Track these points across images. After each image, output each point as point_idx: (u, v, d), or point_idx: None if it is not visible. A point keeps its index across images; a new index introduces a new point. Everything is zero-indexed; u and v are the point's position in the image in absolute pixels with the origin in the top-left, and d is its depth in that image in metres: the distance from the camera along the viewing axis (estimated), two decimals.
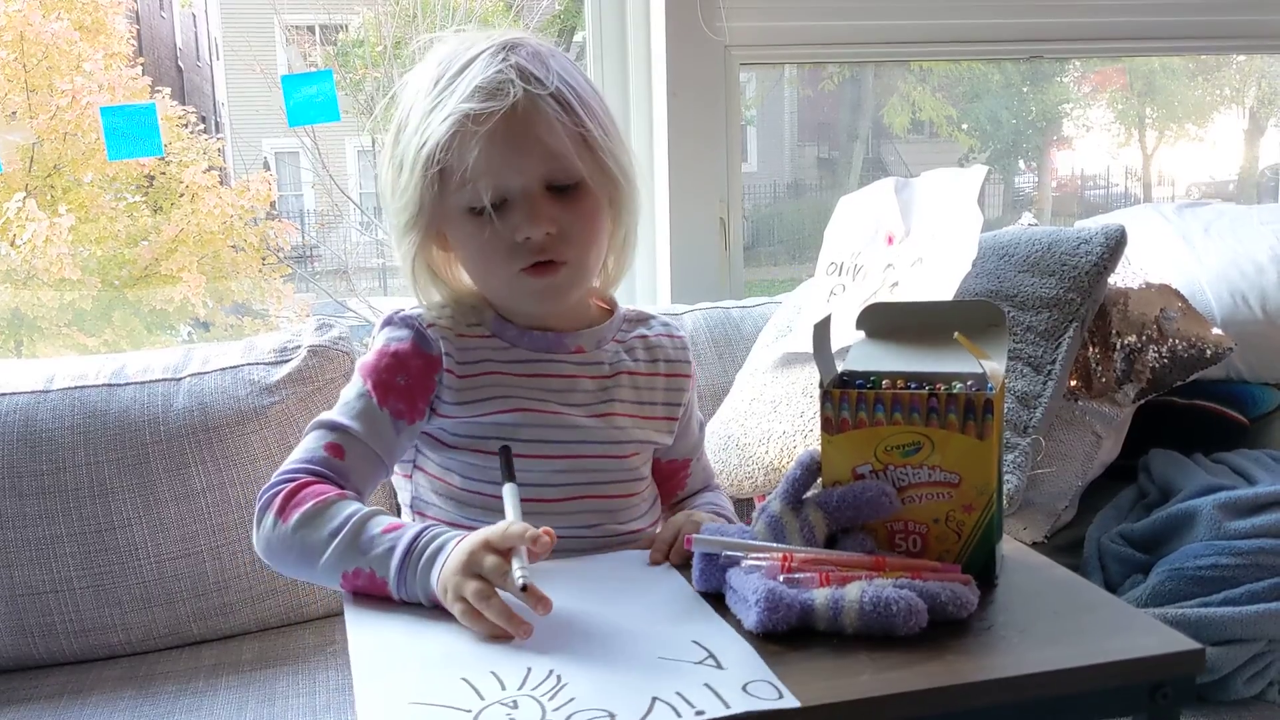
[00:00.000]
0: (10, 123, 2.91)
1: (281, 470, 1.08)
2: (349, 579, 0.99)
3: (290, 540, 1.02)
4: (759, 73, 3.24)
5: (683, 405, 1.25)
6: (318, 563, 1.00)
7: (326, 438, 1.10)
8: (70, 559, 1.52)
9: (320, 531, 1.00)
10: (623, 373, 1.19)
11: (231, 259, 3.44)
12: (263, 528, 1.04)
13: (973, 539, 0.97)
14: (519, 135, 1.06)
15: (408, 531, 0.99)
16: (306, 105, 1.95)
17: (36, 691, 1.48)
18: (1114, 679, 0.85)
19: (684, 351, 1.26)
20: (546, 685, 0.82)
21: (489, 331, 1.16)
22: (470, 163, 1.05)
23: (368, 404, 1.11)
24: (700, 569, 0.98)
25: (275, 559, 1.04)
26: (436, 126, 1.05)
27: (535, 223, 1.07)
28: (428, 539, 0.97)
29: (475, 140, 1.05)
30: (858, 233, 1.73)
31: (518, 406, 1.12)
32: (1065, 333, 1.51)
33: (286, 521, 1.02)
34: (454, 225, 1.11)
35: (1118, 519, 1.54)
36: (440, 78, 1.08)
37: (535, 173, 1.07)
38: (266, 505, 1.04)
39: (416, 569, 0.96)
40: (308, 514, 1.02)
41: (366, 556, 0.98)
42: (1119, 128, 4.15)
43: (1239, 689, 1.33)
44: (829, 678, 0.83)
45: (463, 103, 1.05)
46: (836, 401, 0.98)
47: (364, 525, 1.00)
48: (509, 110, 1.05)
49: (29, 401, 1.58)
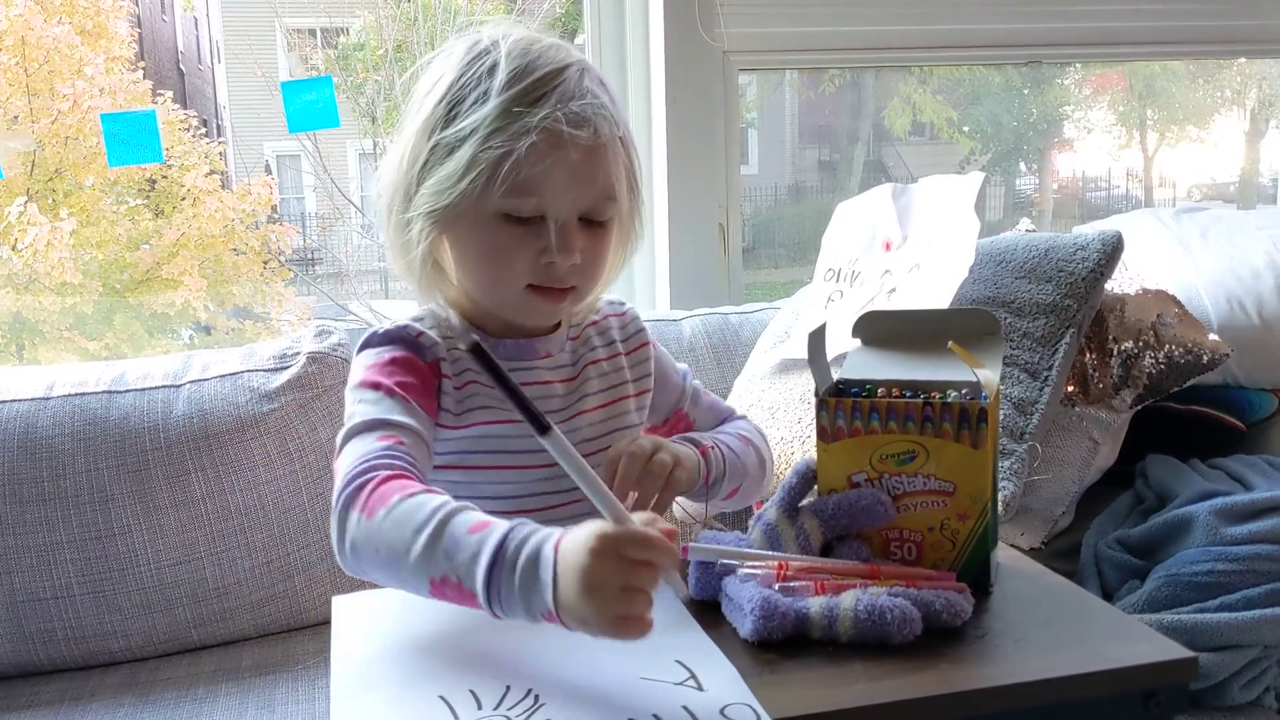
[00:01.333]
0: (12, 129, 2.92)
1: (351, 469, 0.97)
2: (437, 587, 0.88)
3: (377, 537, 0.91)
4: (760, 75, 3.25)
5: (650, 374, 1.25)
6: (405, 563, 0.89)
7: (375, 434, 1.01)
8: (70, 565, 1.53)
9: (405, 527, 0.89)
10: (587, 365, 1.19)
11: (233, 263, 3.44)
12: (348, 527, 0.93)
13: (967, 547, 0.97)
14: (589, 168, 1.06)
15: (494, 532, 0.86)
16: (307, 111, 1.96)
17: (37, 698, 1.48)
18: (1108, 687, 0.86)
19: (635, 322, 1.26)
20: (524, 705, 0.82)
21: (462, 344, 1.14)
22: (542, 180, 1.04)
23: (395, 402, 1.05)
24: (696, 577, 0.99)
25: (363, 562, 0.93)
26: (520, 135, 1.03)
27: (568, 252, 1.07)
28: (518, 541, 0.85)
29: (557, 161, 1.04)
30: (855, 239, 1.74)
31: (500, 418, 1.11)
32: (1062, 339, 1.51)
33: (372, 517, 0.91)
34: (477, 224, 1.08)
35: (1114, 525, 1.54)
36: (515, 76, 1.05)
37: (585, 204, 1.08)
38: (349, 502, 0.94)
39: (514, 583, 0.84)
40: (392, 507, 0.91)
41: (453, 562, 0.87)
42: (1120, 130, 4.15)
43: (1235, 694, 1.33)
44: (823, 686, 0.84)
45: (557, 123, 1.03)
46: (832, 410, 0.99)
47: (449, 522, 0.88)
48: (592, 143, 1.05)
49: (29, 409, 1.58)
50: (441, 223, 1.08)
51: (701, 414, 1.30)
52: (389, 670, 0.89)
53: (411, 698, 0.84)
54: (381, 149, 3.84)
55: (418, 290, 1.16)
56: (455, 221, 1.08)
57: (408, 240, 1.10)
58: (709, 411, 1.31)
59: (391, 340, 1.11)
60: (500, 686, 0.85)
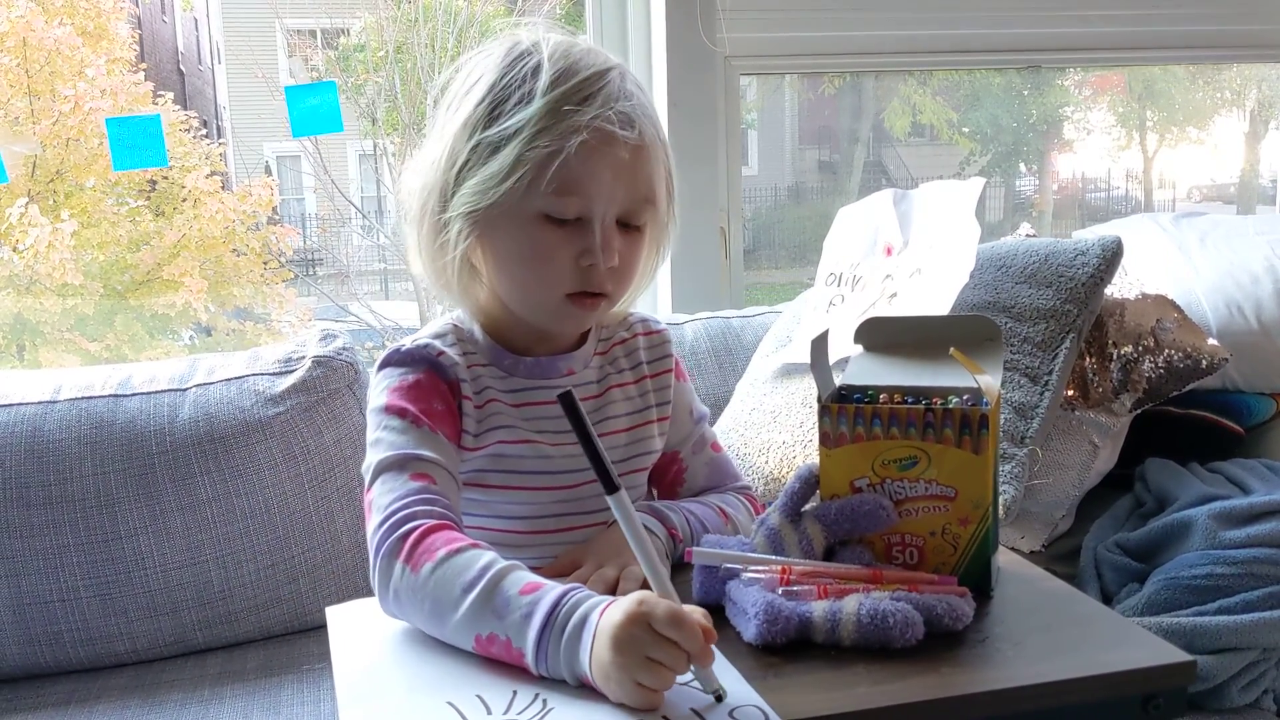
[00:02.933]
0: (15, 132, 2.92)
1: (388, 514, 0.97)
2: (482, 644, 0.89)
3: (421, 592, 0.92)
4: (760, 77, 3.25)
5: (669, 402, 1.22)
6: (451, 618, 0.90)
7: (406, 472, 1.01)
8: (77, 569, 1.54)
9: (454, 585, 0.91)
10: (612, 387, 1.18)
11: (233, 264, 3.45)
12: (391, 578, 0.94)
13: (968, 552, 0.98)
14: (633, 169, 1.06)
15: (547, 595, 0.88)
16: (310, 116, 1.97)
17: (43, 700, 1.49)
18: (1107, 691, 0.86)
19: (664, 346, 1.23)
20: (532, 710, 0.82)
21: (485, 360, 1.14)
22: (590, 179, 1.04)
23: (422, 433, 1.04)
24: (700, 581, 0.99)
25: (406, 612, 0.95)
26: (568, 133, 1.02)
27: (609, 253, 1.06)
28: (570, 605, 0.87)
29: (604, 160, 1.04)
30: (856, 244, 1.75)
31: (519, 438, 1.10)
32: (1062, 344, 1.52)
33: (417, 571, 0.92)
34: (519, 225, 1.06)
35: (1114, 528, 1.55)
36: (560, 78, 1.04)
37: (624, 207, 1.07)
38: (393, 552, 0.94)
39: (560, 644, 0.85)
40: (439, 563, 0.92)
41: (503, 621, 0.88)
42: (1120, 131, 4.16)
43: (1234, 697, 1.34)
44: (826, 689, 0.85)
45: (604, 120, 1.03)
46: (834, 416, 0.99)
47: (500, 582, 0.90)
48: (638, 143, 1.05)
49: (36, 412, 1.59)
50: (482, 224, 1.07)
51: (698, 466, 1.25)
52: (394, 676, 0.89)
53: (419, 703, 0.84)
54: (381, 150, 3.84)
55: (451, 294, 1.14)
56: (495, 222, 1.07)
57: (444, 242, 1.09)
58: (707, 467, 1.26)
59: (415, 360, 1.09)
60: (508, 691, 0.85)
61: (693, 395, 1.27)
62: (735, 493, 1.24)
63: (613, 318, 1.22)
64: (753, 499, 1.25)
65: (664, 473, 1.25)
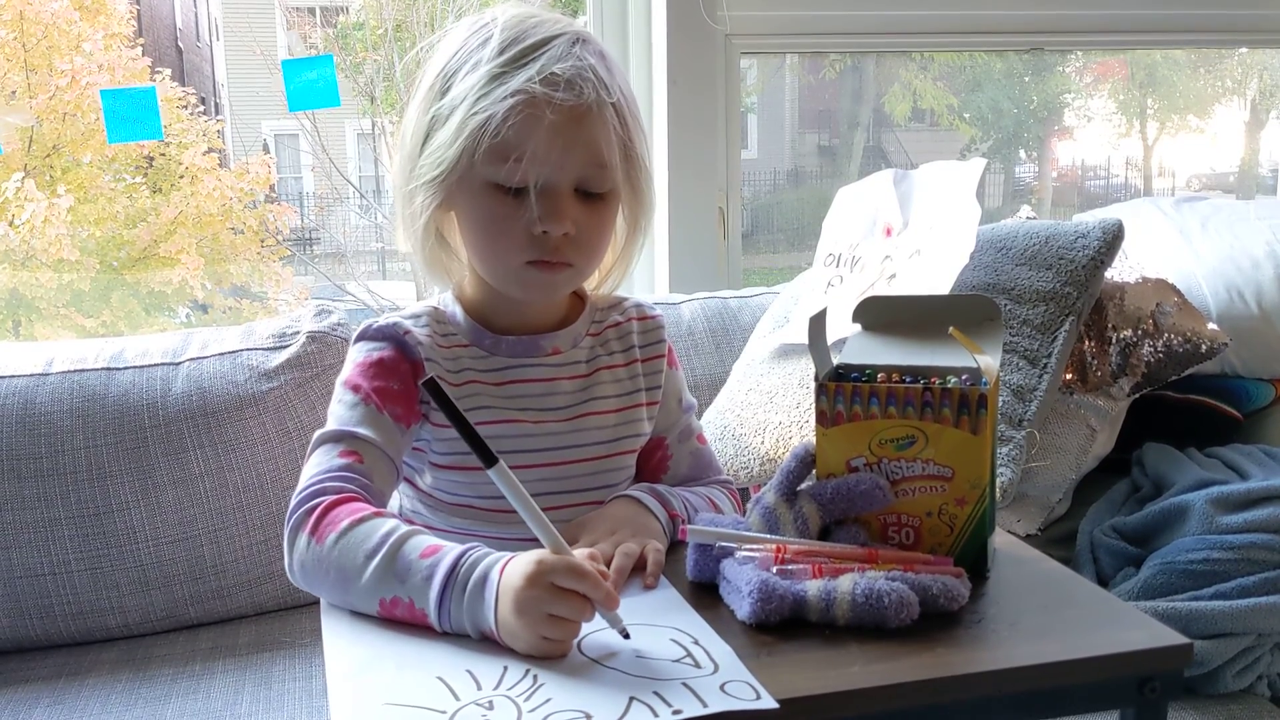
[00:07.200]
0: (10, 104, 2.91)
1: (304, 487, 1.01)
2: (386, 607, 0.93)
3: (326, 562, 0.95)
4: (760, 60, 3.24)
5: (660, 387, 1.23)
6: (355, 585, 0.94)
7: (339, 447, 1.05)
8: (68, 542, 1.53)
9: (356, 553, 0.94)
10: (601, 369, 1.18)
11: (230, 241, 3.44)
12: (296, 549, 0.98)
13: (965, 532, 0.98)
14: (577, 133, 1.06)
15: (446, 556, 0.92)
16: (307, 90, 1.95)
17: (34, 673, 1.49)
18: (1103, 673, 0.86)
19: (658, 331, 1.24)
20: (523, 685, 0.82)
21: (466, 340, 1.15)
22: (522, 143, 1.04)
23: (368, 410, 1.07)
24: (694, 559, 0.99)
25: (311, 582, 0.98)
26: (502, 98, 1.03)
27: (559, 220, 1.06)
28: (469, 564, 0.91)
29: (536, 124, 1.03)
30: (856, 224, 1.74)
31: (499, 418, 1.11)
32: (1061, 326, 1.51)
33: (321, 542, 0.96)
34: (472, 195, 1.08)
35: (1111, 512, 1.55)
36: (506, 46, 1.06)
37: (575, 172, 1.07)
38: (299, 525, 0.98)
39: (463, 600, 0.89)
40: (343, 533, 0.95)
41: (405, 584, 0.92)
42: (1120, 118, 4.14)
43: (1228, 682, 1.34)
44: (820, 668, 0.84)
45: (535, 84, 1.03)
46: (831, 395, 0.99)
47: (401, 547, 0.93)
48: (576, 105, 1.05)
49: (28, 384, 1.58)
50: (440, 193, 1.09)
51: (683, 455, 1.26)
52: (385, 652, 0.89)
53: (410, 679, 0.84)
54: (380, 129, 3.83)
55: (431, 270, 1.17)
56: (455, 193, 1.09)
57: (412, 213, 1.12)
58: (691, 457, 1.26)
59: (383, 337, 1.13)
60: (498, 667, 0.85)
61: (683, 384, 1.28)
62: (718, 486, 1.26)
63: (604, 299, 1.23)
64: (735, 494, 1.26)
65: (649, 457, 1.25)
